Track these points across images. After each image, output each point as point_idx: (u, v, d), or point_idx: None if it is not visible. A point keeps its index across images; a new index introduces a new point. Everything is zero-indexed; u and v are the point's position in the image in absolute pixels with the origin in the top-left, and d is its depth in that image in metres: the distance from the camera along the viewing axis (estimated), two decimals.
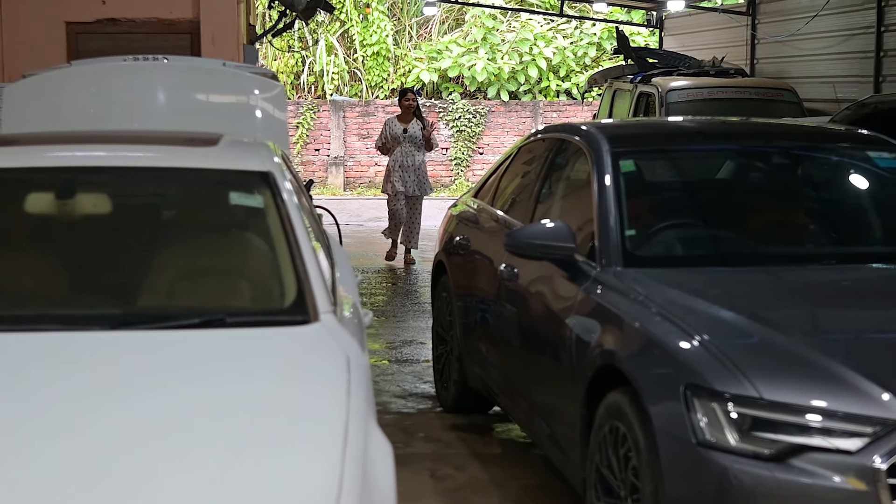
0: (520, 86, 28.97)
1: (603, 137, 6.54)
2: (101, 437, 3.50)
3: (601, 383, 5.30)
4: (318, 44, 29.61)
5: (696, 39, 21.22)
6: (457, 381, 8.10)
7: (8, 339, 4.24)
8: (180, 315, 4.45)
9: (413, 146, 15.43)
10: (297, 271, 4.68)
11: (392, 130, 15.48)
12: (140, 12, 12.22)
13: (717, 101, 15.55)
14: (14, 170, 5.22)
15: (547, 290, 6.25)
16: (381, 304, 12.83)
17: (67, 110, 8.05)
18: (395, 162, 15.46)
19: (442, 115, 27.25)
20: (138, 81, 8.29)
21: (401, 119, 15.62)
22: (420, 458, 7.33)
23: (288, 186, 5.17)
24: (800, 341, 4.75)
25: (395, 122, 15.60)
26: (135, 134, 6.42)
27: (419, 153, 15.47)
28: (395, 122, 15.60)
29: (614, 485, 5.11)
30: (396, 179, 15.37)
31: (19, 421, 3.59)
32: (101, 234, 5.07)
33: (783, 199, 6.61)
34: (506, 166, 8.11)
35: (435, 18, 31.10)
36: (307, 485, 3.41)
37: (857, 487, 4.22)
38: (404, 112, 15.60)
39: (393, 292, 13.57)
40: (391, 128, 15.53)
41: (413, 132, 15.48)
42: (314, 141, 27.29)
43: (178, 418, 3.62)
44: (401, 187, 15.39)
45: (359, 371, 4.22)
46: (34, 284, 4.81)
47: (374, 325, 11.49)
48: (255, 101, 8.49)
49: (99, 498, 3.25)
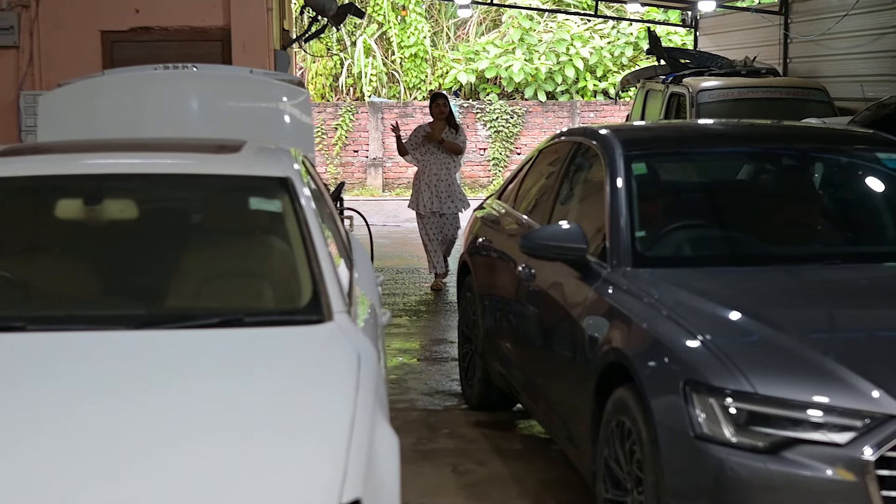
0: (557, 86, 29.10)
1: (617, 141, 6.72)
2: (120, 425, 3.75)
3: (609, 380, 5.49)
4: (356, 46, 29.86)
5: (730, 39, 21.30)
6: (480, 379, 8.31)
7: (39, 339, 4.48)
8: (200, 315, 4.68)
9: (446, 157, 13.86)
10: (312, 273, 4.89)
11: (419, 139, 13.90)
12: (173, 21, 12.43)
13: (747, 101, 15.63)
14: (45, 177, 5.48)
15: (561, 290, 6.45)
16: (412, 303, 13.03)
17: (100, 118, 8.32)
18: (425, 174, 13.85)
19: (479, 115, 27.46)
20: (169, 89, 8.53)
21: (433, 127, 13.98)
22: (443, 454, 7.54)
23: (306, 192, 5.38)
24: (797, 339, 4.91)
25: (426, 130, 13.95)
26: (161, 142, 6.65)
27: (453, 165, 13.92)
28: (426, 130, 13.95)
29: (621, 477, 5.30)
30: (426, 195, 13.81)
31: (42, 412, 3.83)
32: (127, 239, 5.32)
33: (790, 200, 6.78)
34: (527, 169, 8.32)
35: (472, 20, 31.29)
36: (313, 473, 3.62)
37: (845, 478, 4.40)
38: (436, 120, 14.05)
39: (425, 292, 13.76)
40: (420, 136, 13.91)
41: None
42: (353, 142, 27.54)
43: (191, 410, 3.86)
44: (431, 204, 13.81)
45: (369, 368, 4.42)
46: (64, 287, 5.06)
47: (406, 324, 11.72)
48: (283, 108, 8.73)
49: (114, 478, 3.49)
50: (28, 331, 4.52)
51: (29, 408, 3.87)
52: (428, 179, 13.79)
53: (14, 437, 3.67)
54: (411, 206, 14.12)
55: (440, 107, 14.03)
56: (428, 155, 13.83)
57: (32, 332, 4.52)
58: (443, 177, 13.82)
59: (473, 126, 27.44)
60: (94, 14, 12.45)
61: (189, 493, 3.43)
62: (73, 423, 3.76)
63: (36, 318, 4.67)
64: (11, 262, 5.21)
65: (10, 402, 3.91)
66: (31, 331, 4.52)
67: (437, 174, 13.79)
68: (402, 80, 30.23)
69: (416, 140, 13.89)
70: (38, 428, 3.73)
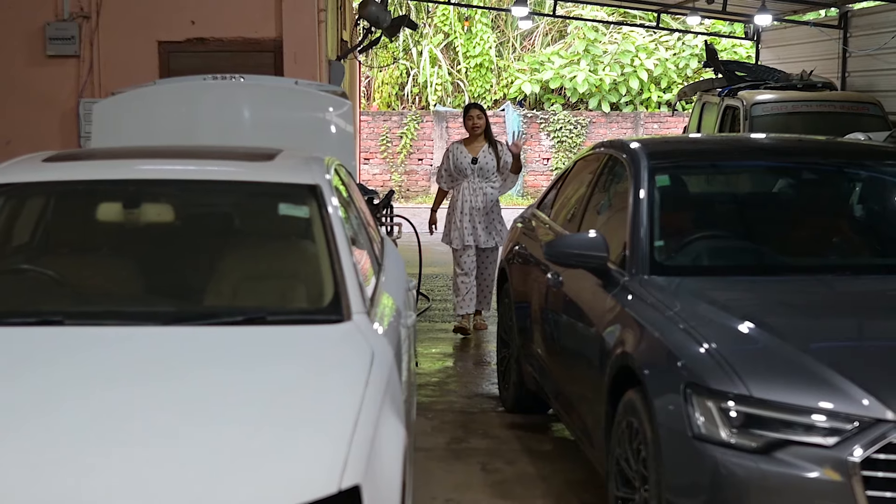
0: (621, 97, 29.26)
1: (643, 153, 6.95)
2: (134, 409, 4.05)
3: (621, 383, 5.73)
4: (423, 55, 30.19)
5: (790, 52, 21.38)
6: (516, 382, 8.57)
7: (74, 332, 4.80)
8: (226, 313, 4.97)
9: (483, 180, 11.59)
10: (335, 276, 5.16)
11: (457, 159, 11.61)
12: (227, 32, 12.80)
13: (801, 114, 15.70)
14: (88, 182, 5.83)
15: (584, 297, 6.69)
16: None
17: (150, 126, 8.67)
18: (460, 202, 11.64)
19: (543, 125, 27.70)
20: (217, 99, 8.86)
21: (468, 144, 11.72)
22: (474, 453, 7.80)
23: (334, 199, 5.66)
24: (797, 347, 5.11)
25: (462, 149, 11.68)
26: (201, 149, 6.97)
27: (492, 189, 11.65)
28: (462, 149, 11.68)
29: (630, 476, 5.53)
30: (464, 227, 11.58)
31: (60, 395, 4.13)
32: (162, 240, 5.66)
33: (806, 213, 6.98)
34: (564, 179, 8.58)
35: (538, 30, 31.53)
36: (316, 458, 3.87)
37: (833, 478, 4.60)
38: (471, 135, 11.74)
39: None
40: (456, 156, 11.64)
41: (485, 162, 11.58)
42: (417, 151, 27.86)
43: (203, 397, 4.14)
44: (469, 238, 11.58)
45: (381, 365, 4.68)
46: (102, 285, 5.40)
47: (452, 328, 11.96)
48: (329, 118, 9.05)
49: (121, 456, 3.78)
50: (65, 324, 4.83)
51: (47, 392, 4.16)
52: (462, 208, 11.61)
53: (29, 418, 3.97)
54: (445, 241, 11.89)
55: (474, 119, 11.64)
56: (461, 179, 11.66)
57: (69, 325, 4.83)
58: (480, 204, 11.61)
59: (537, 136, 27.69)
60: (152, 25, 12.86)
61: (193, 472, 3.70)
62: (91, 405, 4.06)
63: (73, 314, 4.98)
64: (55, 262, 5.57)
65: (30, 387, 4.21)
66: (69, 324, 4.84)
67: (473, 201, 11.60)
68: (466, 89, 30.52)
69: (458, 160, 11.65)
70: (52, 410, 4.03)
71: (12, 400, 4.11)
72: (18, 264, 5.60)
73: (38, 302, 5.21)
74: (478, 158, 11.53)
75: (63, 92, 12.86)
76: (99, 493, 3.61)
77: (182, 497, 3.62)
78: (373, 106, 30.45)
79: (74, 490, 3.62)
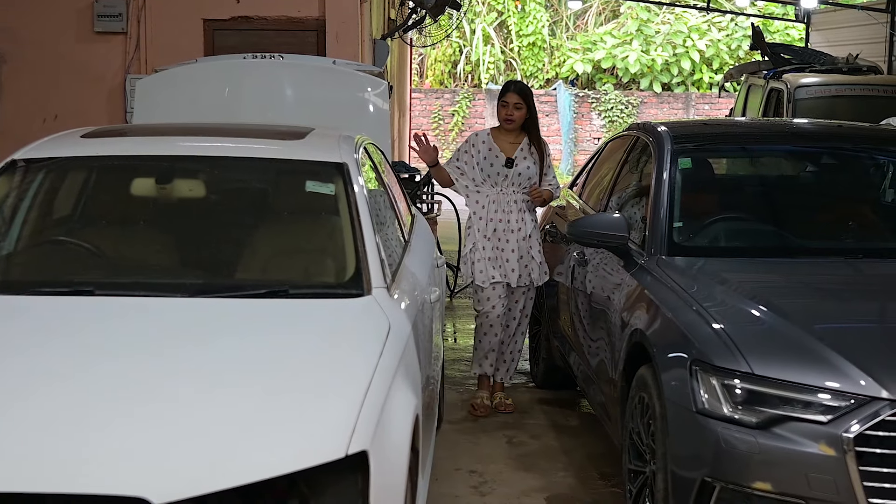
0: (673, 77, 29.30)
1: (668, 136, 7.12)
2: (152, 374, 4.25)
3: (636, 359, 5.92)
4: (475, 34, 30.33)
5: (839, 35, 21.35)
6: (545, 359, 8.78)
7: (103, 302, 5.02)
8: (250, 286, 5.19)
9: (519, 190, 8.11)
10: (357, 251, 5.36)
11: (483, 158, 8.10)
12: (271, 10, 12.99)
13: (844, 98, 15.67)
14: (122, 157, 6.06)
15: (605, 275, 6.89)
16: None
17: (191, 103, 8.89)
18: (485, 220, 8.12)
19: (594, 105, 27.78)
20: (256, 77, 9.06)
21: (499, 139, 8.17)
22: (501, 426, 8.02)
23: (360, 177, 5.85)
24: (801, 328, 5.27)
25: (491, 145, 8.12)
26: (234, 127, 7.18)
27: (528, 202, 8.15)
28: (491, 145, 8.12)
29: (641, 449, 5.72)
30: (487, 256, 8.11)
31: (84, 363, 4.35)
32: (192, 215, 5.88)
33: (822, 197, 7.14)
34: (595, 160, 8.75)
35: (591, 10, 31.59)
36: (325, 423, 4.04)
37: (827, 453, 4.78)
38: (504, 127, 8.19)
39: None
40: (482, 153, 8.10)
41: (525, 167, 8.09)
42: (469, 129, 28.04)
43: (220, 364, 4.33)
44: (496, 272, 8.11)
45: (397, 338, 4.87)
46: (133, 257, 5.63)
47: None
48: (367, 97, 9.24)
49: (139, 415, 3.99)
50: (96, 294, 5.06)
51: (70, 359, 4.38)
52: (486, 227, 8.15)
53: (52, 384, 4.16)
54: (465, 280, 8.50)
55: (510, 107, 8.15)
56: (488, 183, 8.14)
57: (99, 295, 5.06)
58: (514, 225, 8.13)
59: (588, 115, 27.78)
60: (197, 3, 13.07)
61: (203, 434, 3.90)
62: (112, 371, 4.26)
63: (104, 284, 5.20)
64: (90, 234, 5.78)
65: (56, 354, 4.43)
66: (99, 295, 5.06)
67: (504, 217, 8.13)
68: (519, 68, 30.67)
69: (468, 157, 8.18)
70: (71, 377, 4.22)
71: (37, 366, 4.31)
72: (56, 236, 5.83)
73: (71, 273, 5.42)
74: (515, 160, 8.10)
75: (111, 68, 13.10)
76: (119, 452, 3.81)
77: (190, 457, 3.81)
78: (425, 83, 30.61)
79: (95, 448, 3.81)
